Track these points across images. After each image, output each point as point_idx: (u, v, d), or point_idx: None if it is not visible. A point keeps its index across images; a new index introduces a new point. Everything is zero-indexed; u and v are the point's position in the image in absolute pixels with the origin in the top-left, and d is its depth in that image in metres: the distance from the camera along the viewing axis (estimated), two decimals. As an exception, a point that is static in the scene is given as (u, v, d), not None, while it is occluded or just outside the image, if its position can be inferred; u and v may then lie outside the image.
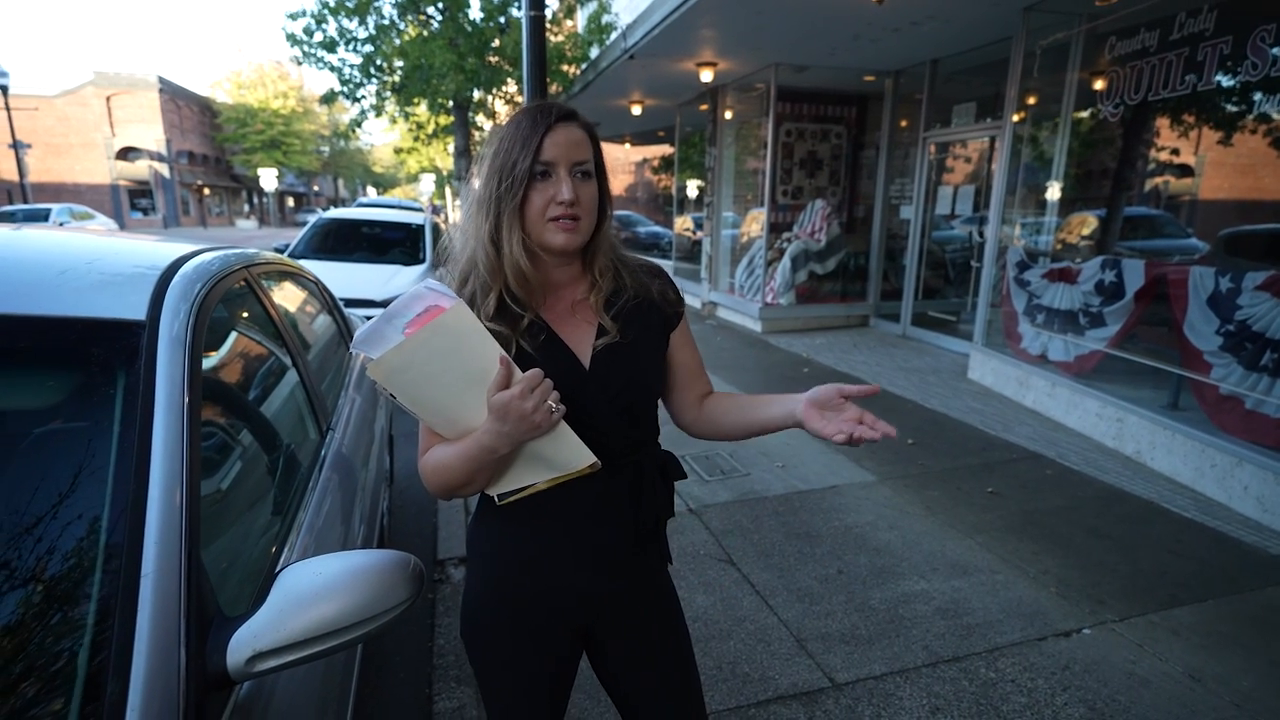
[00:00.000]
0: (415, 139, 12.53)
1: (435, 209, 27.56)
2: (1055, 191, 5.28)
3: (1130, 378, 4.37)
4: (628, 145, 15.66)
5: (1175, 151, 4.62)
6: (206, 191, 38.68)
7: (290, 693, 1.08)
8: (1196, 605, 2.66)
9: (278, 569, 0.96)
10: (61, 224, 16.80)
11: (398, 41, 9.71)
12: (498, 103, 11.25)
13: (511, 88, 10.56)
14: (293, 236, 7.70)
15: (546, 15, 4.59)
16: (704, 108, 9.73)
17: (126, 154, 32.97)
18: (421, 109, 11.04)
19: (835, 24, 5.94)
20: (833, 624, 2.53)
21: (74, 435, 1.00)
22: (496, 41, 9.72)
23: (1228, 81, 3.80)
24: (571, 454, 1.01)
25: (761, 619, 2.56)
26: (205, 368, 1.19)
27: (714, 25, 6.29)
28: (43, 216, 17.42)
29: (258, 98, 36.45)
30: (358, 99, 10.38)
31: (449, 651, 2.41)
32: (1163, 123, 4.64)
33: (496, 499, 1.08)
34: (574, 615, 1.16)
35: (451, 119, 11.02)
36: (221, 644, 0.86)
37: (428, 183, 31.31)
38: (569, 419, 0.99)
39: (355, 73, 10.12)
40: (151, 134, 33.15)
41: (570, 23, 11.81)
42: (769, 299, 8.15)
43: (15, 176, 22.49)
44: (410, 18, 9.90)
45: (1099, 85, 4.65)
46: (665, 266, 1.57)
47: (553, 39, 9.89)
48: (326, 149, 44.46)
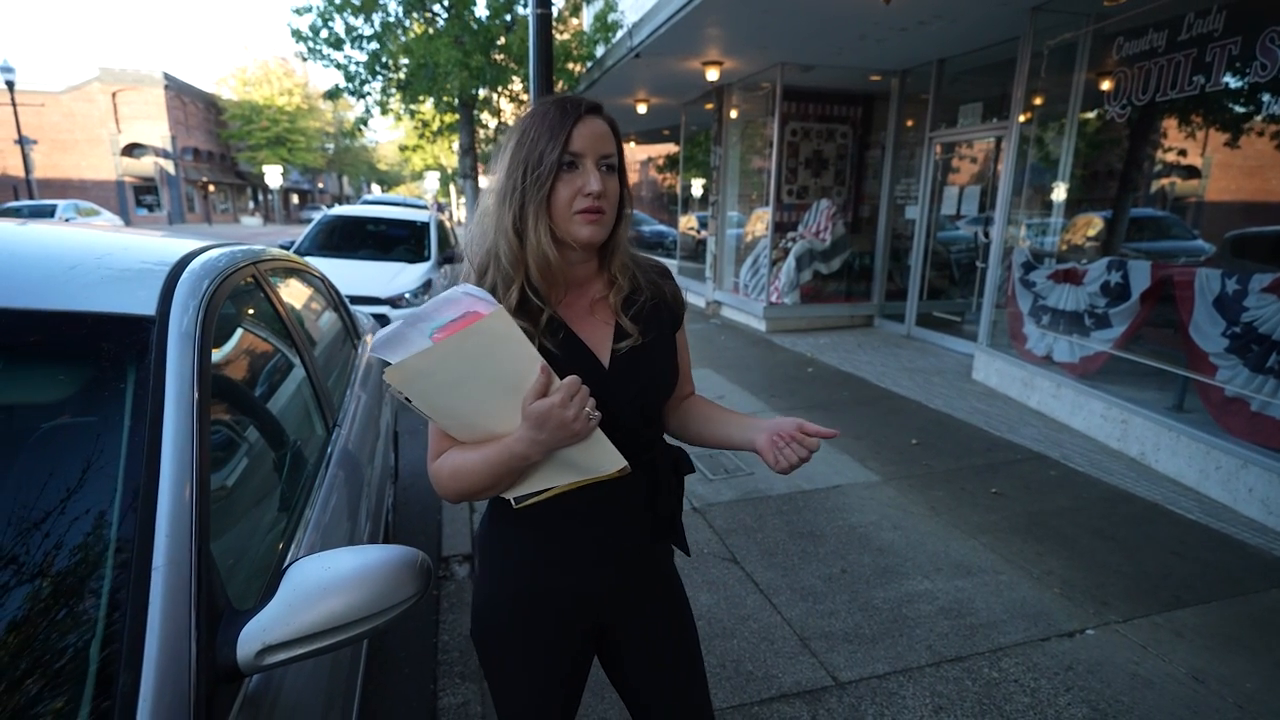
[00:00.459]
0: (420, 136, 12.53)
1: (440, 207, 27.61)
2: (1061, 192, 5.27)
3: (1135, 379, 4.36)
4: (633, 144, 15.65)
5: (1182, 153, 4.60)
6: (211, 188, 38.75)
7: (298, 687, 1.08)
8: (1200, 607, 2.66)
9: (286, 564, 0.97)
10: (67, 220, 16.85)
11: (403, 39, 9.71)
12: (503, 101, 11.25)
13: (517, 86, 10.55)
14: (297, 233, 7.72)
15: (553, 13, 4.59)
16: (709, 106, 9.73)
17: (132, 150, 33.05)
18: (427, 107, 11.05)
19: (842, 23, 5.93)
20: (836, 623, 2.53)
21: (85, 429, 1.00)
22: (502, 39, 9.71)
23: (1236, 83, 3.78)
24: (603, 458, 0.99)
25: (765, 617, 2.56)
26: (214, 363, 1.19)
27: (720, 24, 6.28)
28: (48, 212, 17.50)
29: (263, 94, 36.50)
30: (363, 96, 10.39)
31: (453, 648, 2.42)
32: (1170, 124, 4.63)
33: (514, 503, 1.06)
34: (589, 613, 1.16)
35: (457, 117, 11.03)
36: (232, 637, 0.87)
37: (432, 180, 31.31)
38: None
39: (361, 70, 10.13)
40: (157, 130, 33.22)
41: (576, 21, 11.81)
42: (773, 298, 8.14)
43: (21, 172, 22.57)
44: (416, 15, 9.91)
45: (1106, 86, 4.64)
46: (670, 266, 1.57)
47: (558, 37, 9.89)
48: (331, 146, 44.49)
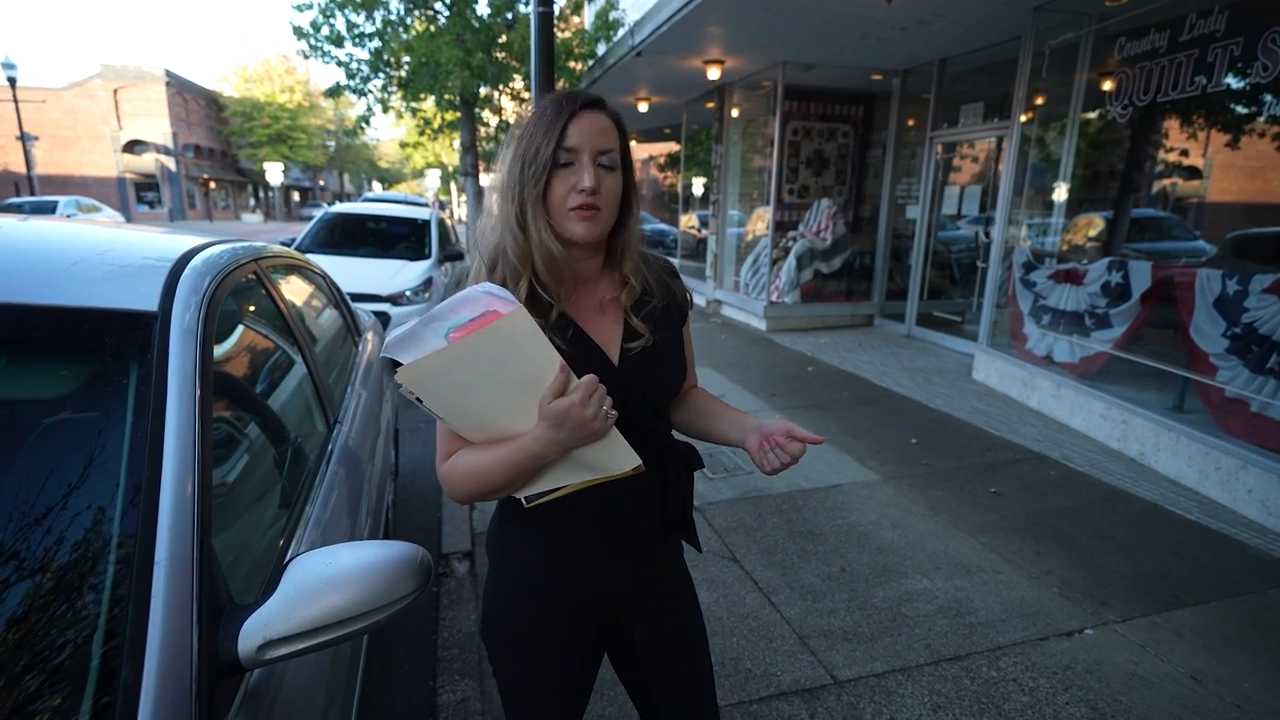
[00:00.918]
0: (421, 134, 12.53)
1: (441, 204, 27.60)
2: (1062, 192, 5.27)
3: (1135, 379, 4.36)
4: (634, 142, 15.65)
5: (1183, 153, 4.60)
6: (212, 185, 38.76)
7: (298, 682, 1.09)
8: (1199, 607, 2.66)
9: (287, 559, 0.97)
10: (68, 216, 16.85)
11: (405, 37, 9.70)
12: (504, 99, 11.24)
13: (518, 84, 10.54)
14: (298, 231, 7.73)
15: (554, 11, 4.59)
16: (711, 105, 9.72)
17: (133, 147, 33.04)
18: (428, 104, 11.04)
19: (843, 22, 5.92)
20: (835, 621, 2.53)
21: (87, 425, 1.01)
22: (503, 37, 9.70)
23: (1238, 83, 3.78)
24: (618, 457, 0.98)
25: (764, 616, 2.57)
26: (215, 359, 1.19)
27: (722, 23, 6.28)
28: (50, 209, 17.50)
29: (264, 92, 36.49)
30: (364, 93, 10.38)
31: (453, 645, 2.42)
32: (1171, 124, 4.62)
33: (525, 501, 1.05)
34: (599, 612, 1.16)
35: (458, 114, 11.02)
36: (233, 631, 0.88)
37: (433, 178, 31.29)
38: None
39: (362, 67, 10.12)
40: (158, 127, 33.21)
41: (577, 19, 11.80)
42: (774, 297, 8.14)
43: (23, 169, 22.57)
44: (417, 13, 9.90)
45: (1108, 86, 4.64)
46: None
47: (560, 35, 9.88)
48: (332, 144, 44.48)
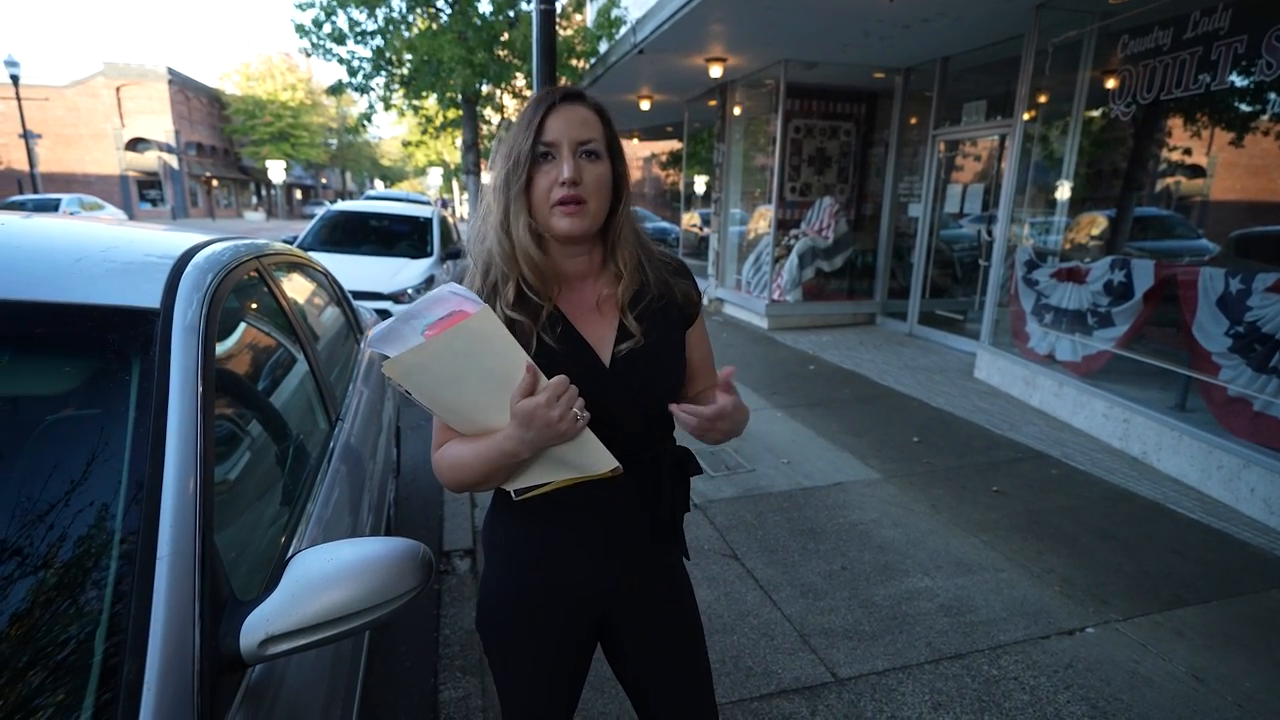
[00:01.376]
0: (423, 132, 12.54)
1: (443, 202, 27.60)
2: (1065, 191, 5.26)
3: (1138, 378, 4.35)
4: (636, 140, 15.64)
5: (1187, 152, 4.59)
6: (215, 183, 38.79)
7: (300, 678, 1.09)
8: (1201, 606, 2.66)
9: (289, 556, 0.97)
10: (71, 214, 16.86)
11: (407, 35, 9.70)
12: (506, 97, 11.24)
13: (520, 82, 10.55)
14: (301, 229, 7.73)
15: (556, 9, 4.58)
16: (713, 104, 9.71)
17: (135, 145, 33.08)
18: (430, 102, 11.04)
19: (846, 20, 5.91)
20: (836, 620, 2.54)
21: (89, 422, 1.01)
22: (505, 35, 9.70)
23: (1241, 81, 3.77)
24: (593, 458, 1.00)
25: (765, 614, 2.57)
26: (217, 356, 1.19)
27: (724, 20, 6.27)
28: (52, 206, 17.53)
29: (266, 90, 36.50)
30: (366, 91, 10.39)
31: (455, 642, 2.43)
32: (1175, 122, 4.61)
33: (513, 494, 1.07)
34: (590, 607, 1.17)
35: (460, 113, 11.02)
36: (235, 627, 0.88)
37: (435, 176, 31.31)
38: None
39: (364, 65, 10.13)
40: (160, 125, 33.25)
41: (579, 17, 11.79)
42: (775, 296, 8.14)
43: (26, 166, 22.60)
44: (419, 11, 9.90)
45: (1111, 84, 4.62)
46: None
47: (562, 33, 9.87)
48: (334, 141, 44.50)
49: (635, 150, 16.39)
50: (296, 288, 2.11)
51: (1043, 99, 5.36)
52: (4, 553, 0.85)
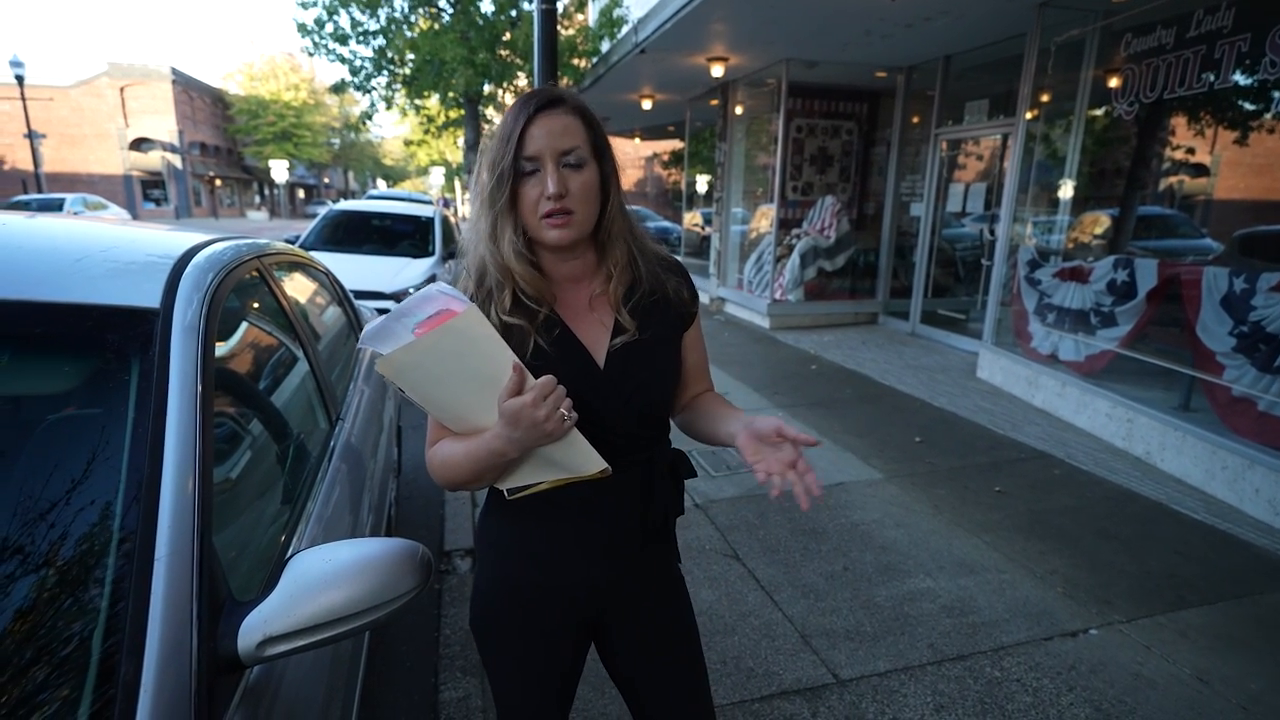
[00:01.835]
0: (425, 132, 12.55)
1: (445, 202, 27.61)
2: (1068, 190, 5.24)
3: (1141, 378, 4.34)
4: (638, 140, 15.65)
5: (1190, 151, 4.57)
6: (218, 183, 38.88)
7: (299, 679, 1.09)
8: (1205, 607, 2.65)
9: (288, 556, 0.97)
10: (75, 214, 16.91)
11: (409, 35, 9.72)
12: (508, 96, 11.25)
13: (522, 81, 10.56)
14: (303, 228, 7.74)
15: (557, 9, 4.58)
16: (714, 103, 9.70)
17: (139, 145, 33.17)
18: (432, 102, 11.06)
19: (848, 19, 5.90)
20: (838, 620, 2.53)
21: (89, 421, 1.01)
22: (507, 35, 9.71)
23: (1245, 80, 3.75)
24: (582, 459, 1.00)
25: (766, 614, 2.57)
26: (217, 356, 1.19)
27: (726, 20, 6.26)
28: (57, 206, 17.58)
29: (269, 89, 36.59)
30: (368, 90, 10.40)
31: (455, 642, 2.42)
32: (1178, 121, 4.59)
33: (506, 493, 1.08)
34: (582, 607, 1.17)
35: (462, 112, 11.03)
36: (233, 628, 0.88)
37: (437, 176, 31.31)
38: (581, 418, 0.97)
39: (366, 65, 10.15)
40: (164, 125, 33.33)
41: (581, 16, 11.80)
42: (777, 295, 8.13)
43: (30, 166, 22.67)
44: (422, 11, 9.91)
45: (1114, 83, 4.61)
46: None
47: (563, 33, 9.88)
48: (337, 141, 44.57)
49: (637, 149, 16.40)
50: (297, 287, 2.11)
51: (1045, 98, 5.34)
52: (3, 551, 0.85)
